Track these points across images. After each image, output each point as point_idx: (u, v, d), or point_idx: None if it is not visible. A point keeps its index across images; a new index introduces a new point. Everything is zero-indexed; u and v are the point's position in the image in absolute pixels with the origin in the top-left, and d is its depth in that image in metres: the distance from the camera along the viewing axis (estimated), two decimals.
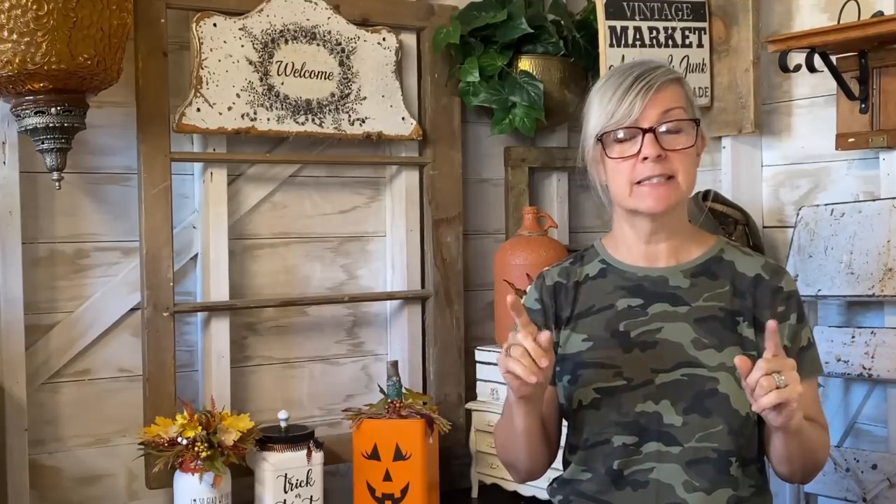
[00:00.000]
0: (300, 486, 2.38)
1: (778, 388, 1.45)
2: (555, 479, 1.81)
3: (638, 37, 2.58)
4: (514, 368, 1.53)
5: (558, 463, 1.83)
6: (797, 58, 2.32)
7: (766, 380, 1.45)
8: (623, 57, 2.52)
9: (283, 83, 2.55)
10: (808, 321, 1.75)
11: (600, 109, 1.69)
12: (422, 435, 2.43)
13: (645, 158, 1.66)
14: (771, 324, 1.49)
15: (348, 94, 2.64)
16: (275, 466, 2.36)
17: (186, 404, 2.35)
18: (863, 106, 2.32)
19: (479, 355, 2.71)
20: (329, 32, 2.61)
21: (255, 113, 2.51)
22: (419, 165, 2.79)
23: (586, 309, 1.77)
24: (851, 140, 2.34)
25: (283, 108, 2.55)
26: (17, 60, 2.03)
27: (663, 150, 1.65)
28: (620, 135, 1.67)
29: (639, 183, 1.67)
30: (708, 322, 1.69)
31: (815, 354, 1.74)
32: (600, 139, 1.70)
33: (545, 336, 1.53)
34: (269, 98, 2.53)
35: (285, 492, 2.36)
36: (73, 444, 2.41)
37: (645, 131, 1.65)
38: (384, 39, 2.69)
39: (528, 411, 1.68)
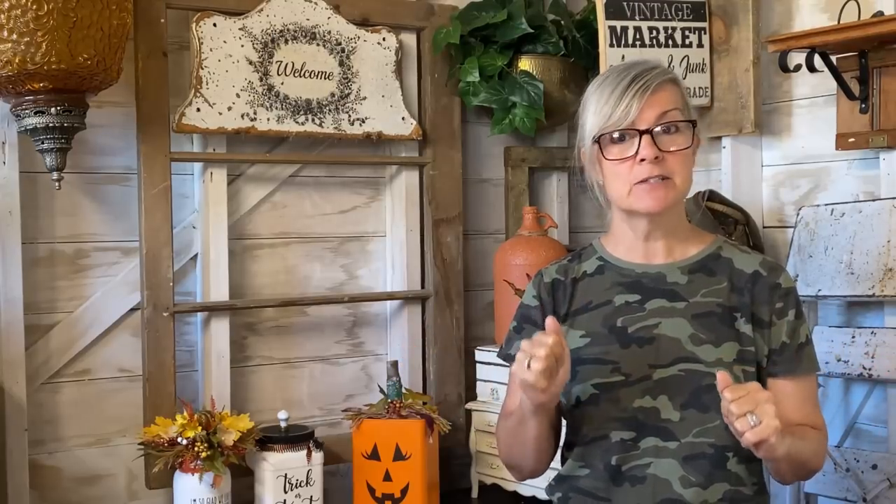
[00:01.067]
0: (300, 486, 2.38)
1: (753, 426, 1.44)
2: (552, 477, 1.81)
3: (638, 37, 2.58)
4: (529, 373, 1.53)
5: (556, 462, 1.82)
6: (797, 58, 2.32)
7: (739, 423, 1.45)
8: (623, 57, 2.52)
9: (283, 83, 2.55)
10: (805, 318, 1.75)
11: (597, 111, 1.69)
12: (422, 435, 2.43)
13: (642, 160, 1.66)
14: (719, 375, 1.49)
15: (348, 94, 2.64)
16: (275, 466, 2.36)
17: (186, 404, 2.35)
18: (863, 106, 2.32)
19: (479, 355, 2.71)
20: (329, 32, 2.62)
21: (255, 113, 2.51)
22: (419, 165, 2.79)
23: (584, 305, 1.77)
24: (851, 140, 2.34)
25: (283, 108, 2.55)
26: (17, 60, 2.03)
27: (660, 151, 1.66)
28: (617, 136, 1.67)
29: (637, 184, 1.67)
30: (705, 318, 1.70)
31: (812, 351, 1.74)
32: (597, 141, 1.70)
33: (551, 320, 1.55)
34: (269, 98, 2.53)
35: (285, 492, 2.36)
36: (73, 444, 2.41)
37: (642, 133, 1.66)
38: (384, 39, 2.69)
39: (542, 419, 1.68)
